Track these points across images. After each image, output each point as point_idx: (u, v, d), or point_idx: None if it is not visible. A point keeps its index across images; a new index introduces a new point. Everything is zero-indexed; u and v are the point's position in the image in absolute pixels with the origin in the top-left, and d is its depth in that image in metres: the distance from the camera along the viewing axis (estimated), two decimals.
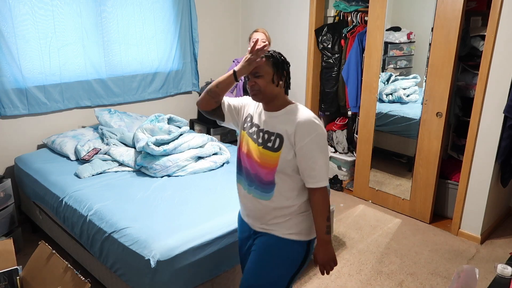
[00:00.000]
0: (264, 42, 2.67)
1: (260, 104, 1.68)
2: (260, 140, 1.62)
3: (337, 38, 3.75)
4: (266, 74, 1.57)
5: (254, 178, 1.64)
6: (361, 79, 3.55)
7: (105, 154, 2.89)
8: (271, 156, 1.59)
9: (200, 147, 2.90)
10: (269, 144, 1.59)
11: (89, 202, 2.31)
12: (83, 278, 1.50)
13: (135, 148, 2.85)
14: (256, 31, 2.93)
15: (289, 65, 1.67)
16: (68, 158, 2.95)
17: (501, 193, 3.27)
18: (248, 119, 1.71)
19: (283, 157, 1.56)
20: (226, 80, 1.66)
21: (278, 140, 1.57)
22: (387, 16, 3.27)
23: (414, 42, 3.70)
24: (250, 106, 1.74)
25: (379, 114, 3.53)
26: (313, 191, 1.58)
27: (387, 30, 3.40)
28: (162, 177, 2.67)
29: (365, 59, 3.46)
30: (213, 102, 1.71)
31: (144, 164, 2.71)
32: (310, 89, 3.95)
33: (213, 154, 2.92)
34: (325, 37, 3.75)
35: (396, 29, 3.61)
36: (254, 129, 1.67)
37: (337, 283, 2.60)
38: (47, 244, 1.71)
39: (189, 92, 4.16)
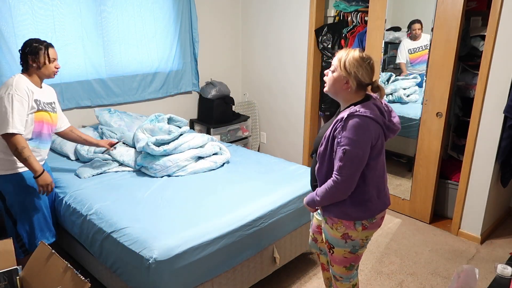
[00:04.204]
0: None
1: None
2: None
3: (337, 38, 3.75)
4: None
5: None
6: None
7: (105, 153, 2.89)
8: None
9: (200, 147, 2.89)
10: None
11: (89, 202, 2.31)
12: (83, 278, 1.50)
13: (135, 148, 2.86)
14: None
15: None
16: (68, 158, 2.95)
17: (501, 193, 3.27)
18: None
19: None
20: None
21: None
22: (387, 16, 3.27)
23: None
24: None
25: None
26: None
27: (387, 30, 3.40)
28: (162, 177, 2.67)
29: None
30: None
31: (144, 164, 2.72)
32: (310, 89, 3.95)
33: (213, 154, 2.92)
34: (325, 37, 3.75)
35: (396, 29, 3.61)
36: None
37: None
38: (46, 244, 1.71)
39: (189, 92, 4.16)
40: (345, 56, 1.68)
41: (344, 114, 1.67)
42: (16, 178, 2.18)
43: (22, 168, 2.19)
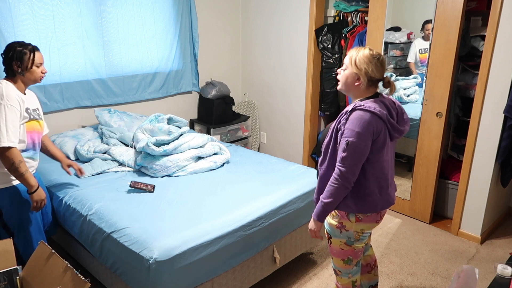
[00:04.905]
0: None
1: None
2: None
3: (337, 38, 3.75)
4: None
5: None
6: None
7: (105, 153, 2.89)
8: None
9: (200, 147, 2.90)
10: None
11: (89, 202, 2.31)
12: (83, 278, 1.50)
13: (135, 148, 2.86)
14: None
15: None
16: (68, 158, 2.95)
17: (501, 193, 3.27)
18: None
19: None
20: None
21: None
22: (387, 16, 3.27)
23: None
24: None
25: None
26: None
27: (387, 30, 3.40)
28: (162, 177, 2.67)
29: None
30: None
31: (144, 164, 2.72)
32: (310, 89, 3.95)
33: (213, 154, 2.92)
34: (325, 37, 3.75)
35: (396, 29, 3.61)
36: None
37: None
38: (46, 244, 1.71)
39: (189, 92, 4.16)
40: (356, 54, 1.75)
41: (349, 107, 1.75)
42: (11, 191, 2.07)
43: (16, 181, 2.08)
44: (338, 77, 1.85)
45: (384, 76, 1.79)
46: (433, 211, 3.39)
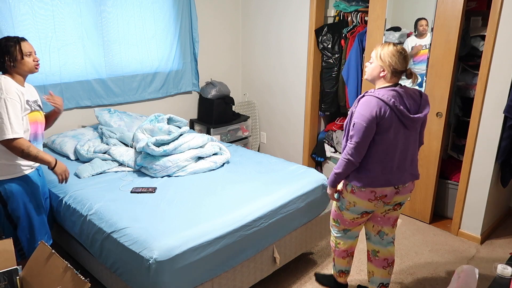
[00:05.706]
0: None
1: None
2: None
3: (337, 38, 3.75)
4: None
5: None
6: (361, 79, 3.55)
7: (104, 153, 2.89)
8: None
9: (200, 147, 2.89)
10: None
11: (89, 202, 2.31)
12: (83, 278, 1.50)
13: (135, 148, 2.86)
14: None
15: None
16: (68, 158, 2.95)
17: (501, 193, 3.27)
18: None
19: None
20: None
21: None
22: (387, 16, 3.27)
23: None
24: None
25: None
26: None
27: (387, 30, 3.40)
28: (162, 177, 2.67)
29: (365, 59, 3.46)
30: None
31: (144, 165, 2.72)
32: (310, 89, 3.95)
33: (213, 154, 2.92)
34: (325, 37, 3.75)
35: (396, 29, 3.61)
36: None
37: None
38: (46, 244, 1.71)
39: (189, 92, 4.16)
40: (381, 49, 1.99)
41: (363, 94, 2.01)
42: (16, 183, 2.10)
43: (27, 170, 2.13)
44: (366, 69, 2.06)
45: (407, 68, 1.99)
46: (433, 211, 3.39)
